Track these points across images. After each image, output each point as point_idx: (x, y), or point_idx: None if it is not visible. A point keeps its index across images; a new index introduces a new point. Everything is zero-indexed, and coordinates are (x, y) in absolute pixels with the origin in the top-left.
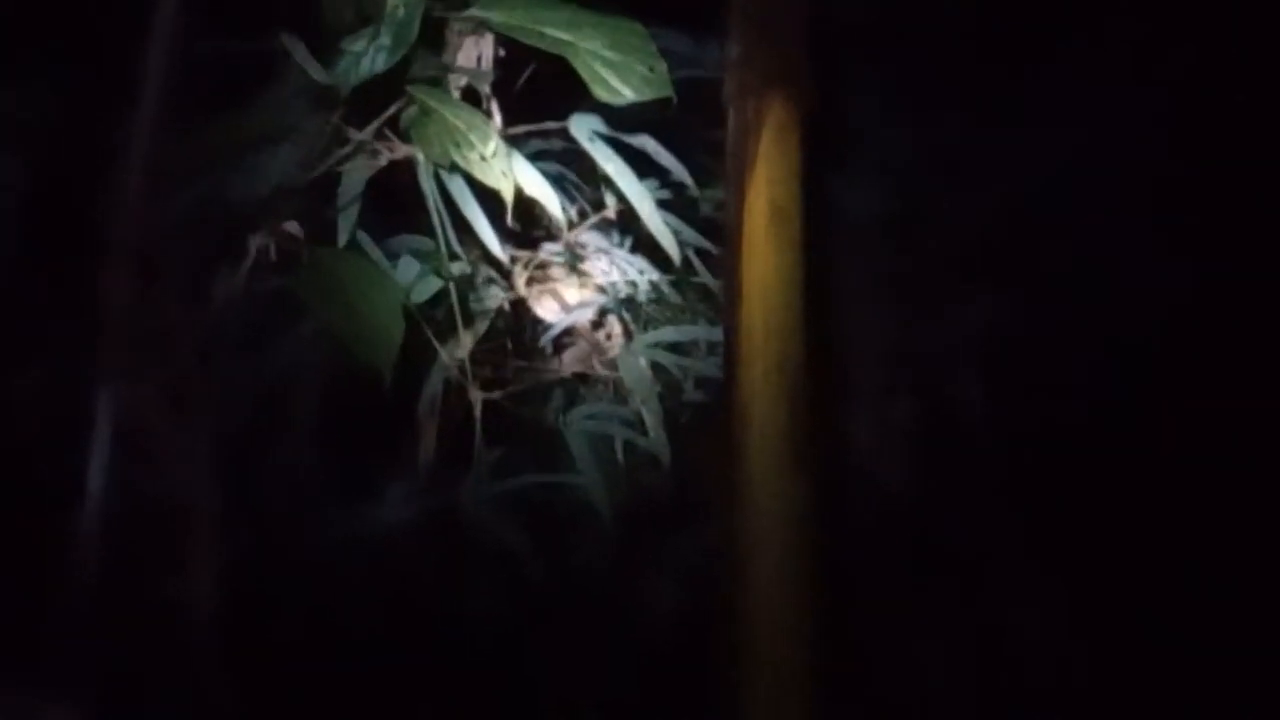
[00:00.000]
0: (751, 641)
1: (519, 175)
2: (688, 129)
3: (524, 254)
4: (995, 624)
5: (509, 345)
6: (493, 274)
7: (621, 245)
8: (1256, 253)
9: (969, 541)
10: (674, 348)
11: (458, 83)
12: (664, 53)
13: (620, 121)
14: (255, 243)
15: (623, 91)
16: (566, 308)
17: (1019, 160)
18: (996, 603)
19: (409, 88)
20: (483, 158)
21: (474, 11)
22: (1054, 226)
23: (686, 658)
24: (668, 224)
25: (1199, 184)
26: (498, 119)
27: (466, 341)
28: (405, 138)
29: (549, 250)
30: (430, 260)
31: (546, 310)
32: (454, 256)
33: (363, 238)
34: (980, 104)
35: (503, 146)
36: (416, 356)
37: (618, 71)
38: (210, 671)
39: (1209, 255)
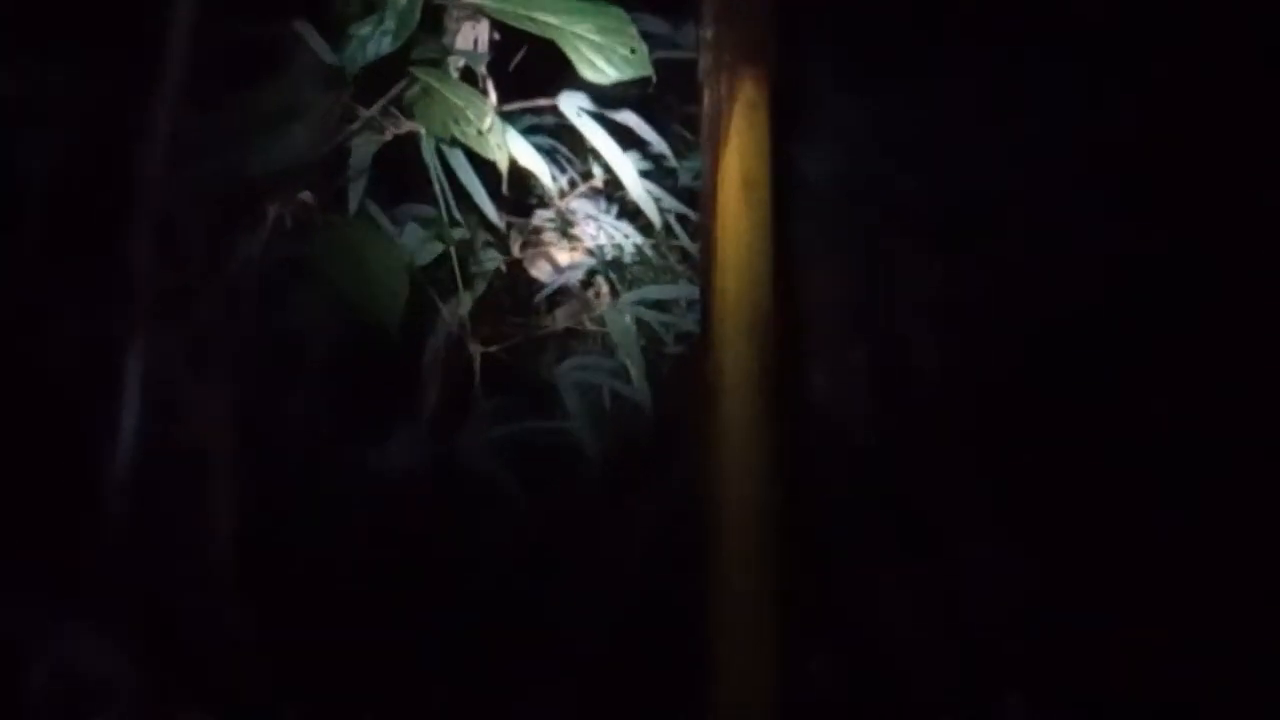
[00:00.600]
0: (722, 568)
1: (513, 148)
2: (666, 105)
3: (519, 220)
4: (947, 555)
5: (505, 304)
6: (490, 239)
7: (608, 212)
8: (1184, 216)
9: (921, 480)
10: (656, 305)
11: (456, 64)
12: (644, 35)
13: (605, 99)
14: (273, 211)
15: (607, 71)
16: (558, 269)
17: (966, 130)
18: (948, 535)
19: (412, 69)
20: (480, 132)
21: None
22: (1000, 191)
23: (664, 583)
24: (649, 192)
25: (1133, 151)
26: (493, 97)
27: (466, 300)
28: (409, 114)
29: (541, 217)
30: (433, 227)
31: (539, 271)
32: (454, 223)
33: (371, 206)
34: (929, 78)
35: (498, 122)
36: (421, 314)
37: (602, 53)
38: (231, 600)
39: (1144, 217)
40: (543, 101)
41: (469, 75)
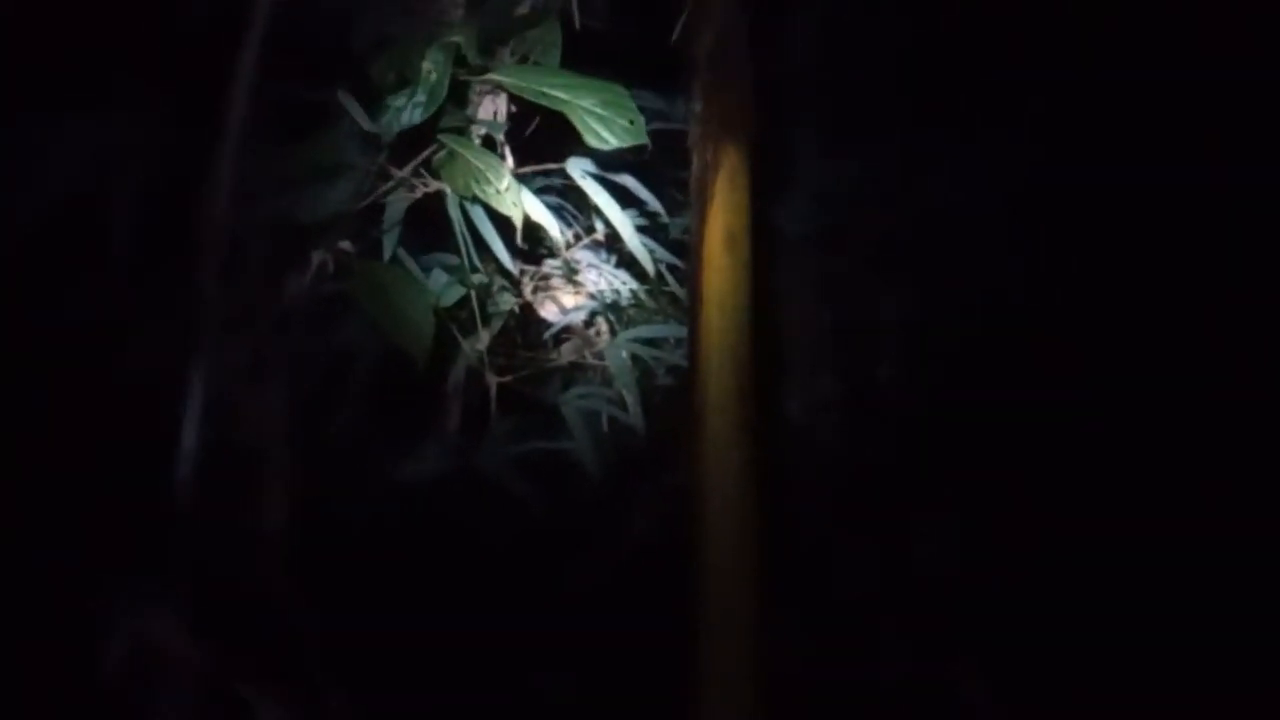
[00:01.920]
0: (708, 560)
1: (527, 205)
2: (660, 170)
3: (530, 268)
4: (902, 550)
5: (518, 340)
6: (505, 284)
7: (607, 261)
8: (1105, 253)
9: (881, 490)
10: (649, 342)
11: (478, 132)
12: (641, 109)
13: (607, 163)
14: (317, 255)
15: (609, 140)
16: (564, 310)
17: (921, 185)
18: (902, 536)
19: (439, 136)
20: (498, 191)
21: (491, 76)
22: (949, 238)
23: (656, 578)
24: (644, 245)
25: (1063, 204)
26: (510, 161)
27: (484, 336)
28: (436, 175)
29: (550, 265)
30: (456, 272)
31: (548, 312)
32: (475, 269)
33: (402, 254)
34: (888, 143)
35: (514, 182)
36: (444, 348)
37: (605, 124)
38: (281, 586)
39: (1076, 257)
40: (552, 165)
41: (489, 142)
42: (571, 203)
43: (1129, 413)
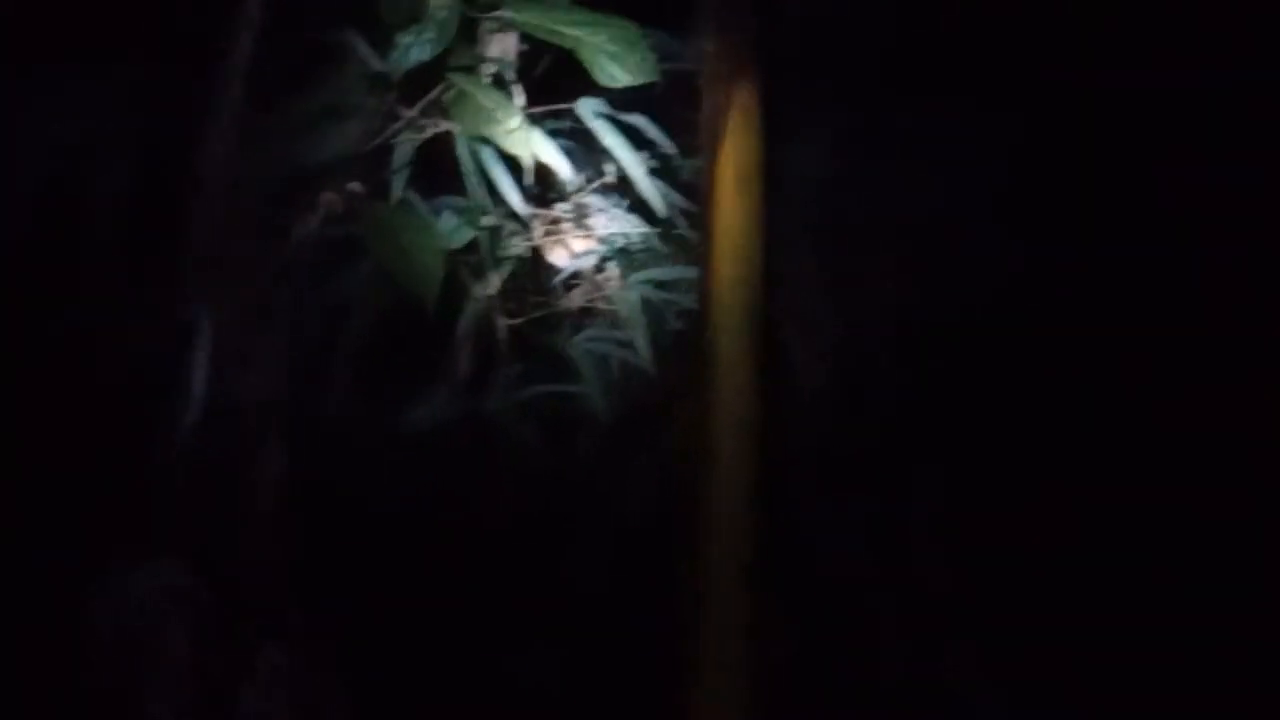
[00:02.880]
0: (714, 503)
1: (537, 146)
2: (672, 110)
3: (540, 211)
4: (894, 504)
5: (528, 284)
6: (515, 227)
7: (618, 205)
8: (1089, 241)
9: (878, 440)
10: (659, 286)
11: (488, 71)
12: (653, 49)
13: (618, 104)
14: (325, 198)
15: (620, 76)
16: (574, 254)
17: (933, 131)
18: (897, 489)
19: (449, 75)
20: (508, 132)
21: (501, 13)
22: (963, 180)
23: (660, 522)
24: (655, 187)
25: (1053, 183)
26: (520, 100)
27: (494, 280)
28: (446, 115)
29: (560, 208)
30: (466, 215)
31: (558, 256)
32: (484, 212)
33: (412, 196)
34: (901, 85)
35: (524, 123)
36: (454, 291)
37: (616, 60)
38: (284, 536)
39: (1059, 238)
40: (563, 105)
41: (499, 81)
42: (582, 144)
43: (1132, 399)
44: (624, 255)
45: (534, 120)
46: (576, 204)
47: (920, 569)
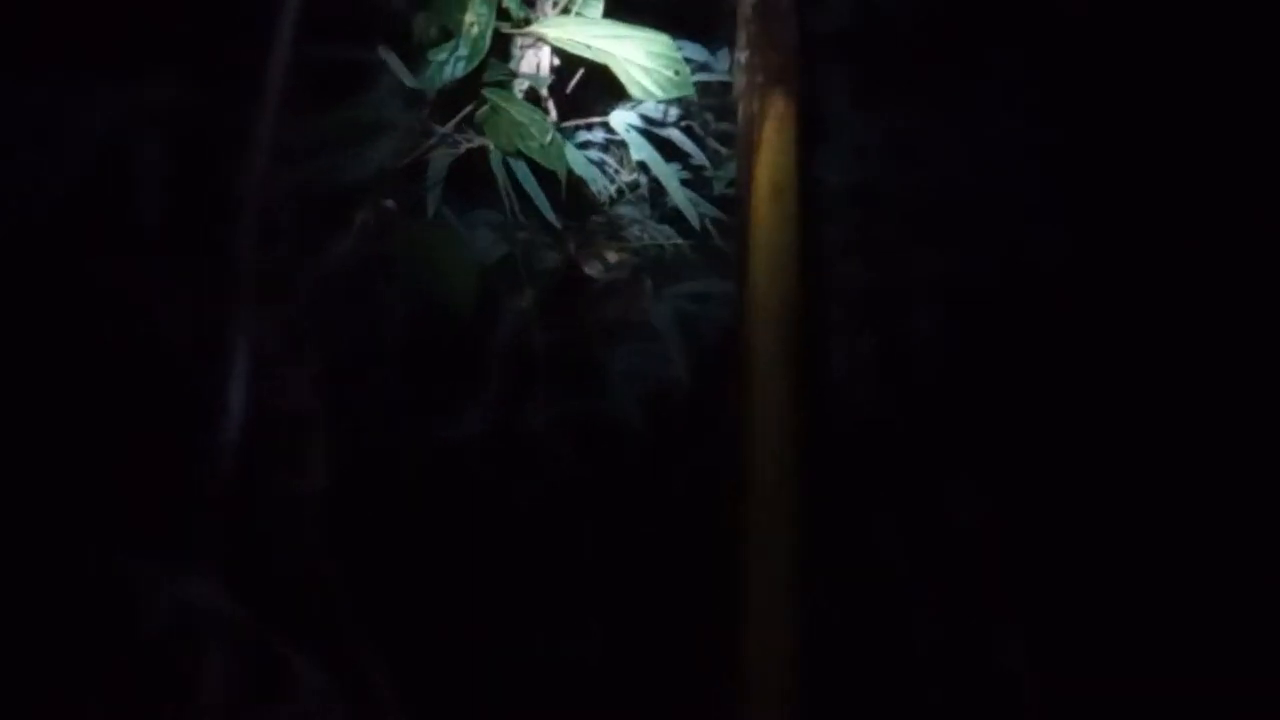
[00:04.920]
0: (753, 516)
1: (570, 160)
2: (703, 122)
3: (574, 224)
4: (929, 491)
5: (562, 297)
6: (549, 241)
7: (651, 216)
8: (1149, 210)
9: (916, 439)
10: (694, 298)
11: (521, 86)
12: (685, 60)
13: (651, 116)
14: (360, 215)
15: (653, 91)
16: (608, 267)
17: (964, 136)
18: (934, 475)
19: (482, 90)
20: (541, 146)
21: (534, 28)
22: (983, 193)
23: (694, 537)
24: (689, 199)
25: (1089, 162)
26: (553, 115)
27: (529, 294)
28: (479, 131)
29: (594, 221)
30: (500, 230)
31: (592, 269)
32: (519, 226)
33: (446, 211)
34: (932, 94)
35: (557, 137)
36: (489, 305)
37: (650, 76)
38: (321, 546)
39: (1103, 219)
40: (596, 119)
41: (532, 96)
42: (615, 157)
43: (1173, 372)
44: (658, 267)
45: (567, 134)
46: (610, 217)
47: (968, 585)
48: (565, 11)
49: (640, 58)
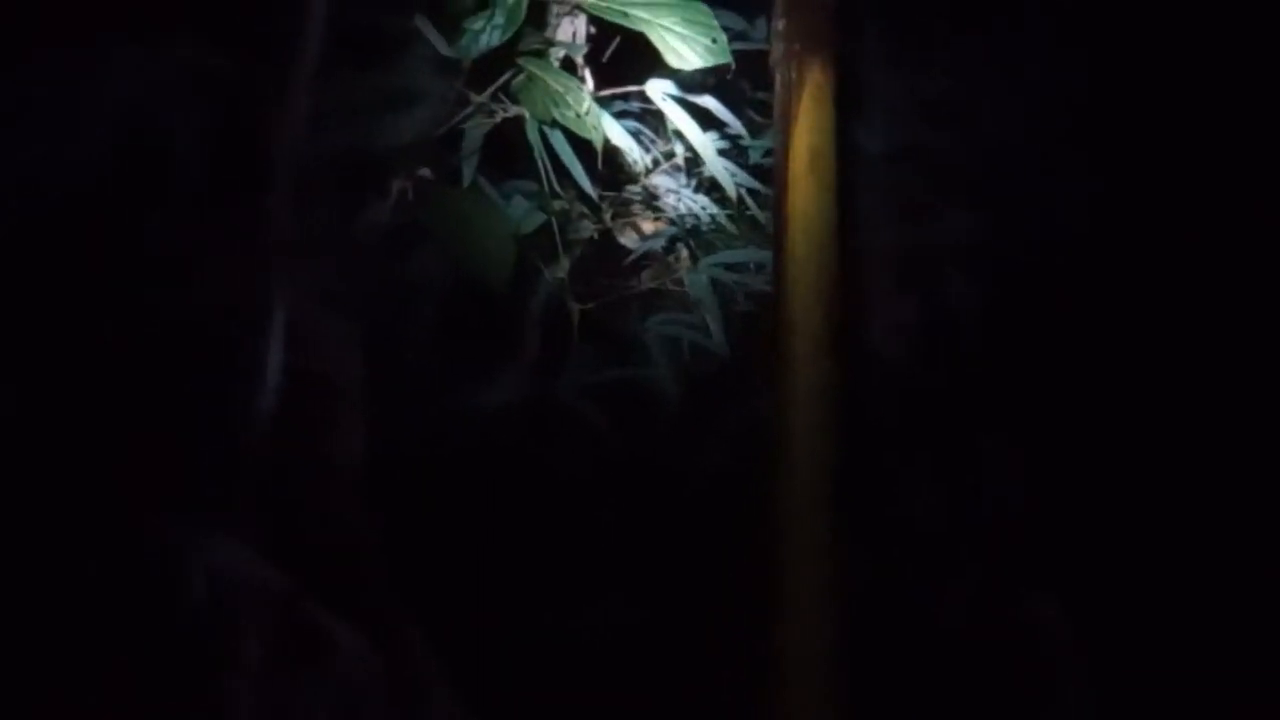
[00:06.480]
0: (788, 485)
1: (606, 129)
2: (740, 91)
3: (610, 194)
4: (968, 460)
5: (598, 266)
6: (585, 210)
7: (687, 186)
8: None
9: (951, 404)
10: (730, 268)
11: (557, 54)
12: (723, 28)
13: (687, 85)
14: (396, 183)
15: (690, 60)
16: (644, 236)
17: (1002, 104)
18: (970, 445)
19: (518, 59)
20: (577, 115)
21: None
22: (1020, 158)
23: (728, 503)
24: (725, 168)
25: (1129, 121)
26: (589, 83)
27: (565, 263)
28: (515, 100)
29: (630, 190)
30: (535, 199)
31: (628, 239)
32: (555, 196)
33: (482, 181)
34: (970, 61)
35: (593, 106)
36: (525, 275)
37: (686, 43)
38: (357, 511)
39: (1134, 184)
40: (633, 88)
41: (568, 64)
42: (651, 126)
43: (1211, 336)
44: (694, 236)
45: (603, 103)
46: (646, 186)
47: (1006, 551)
48: None
49: (677, 25)
